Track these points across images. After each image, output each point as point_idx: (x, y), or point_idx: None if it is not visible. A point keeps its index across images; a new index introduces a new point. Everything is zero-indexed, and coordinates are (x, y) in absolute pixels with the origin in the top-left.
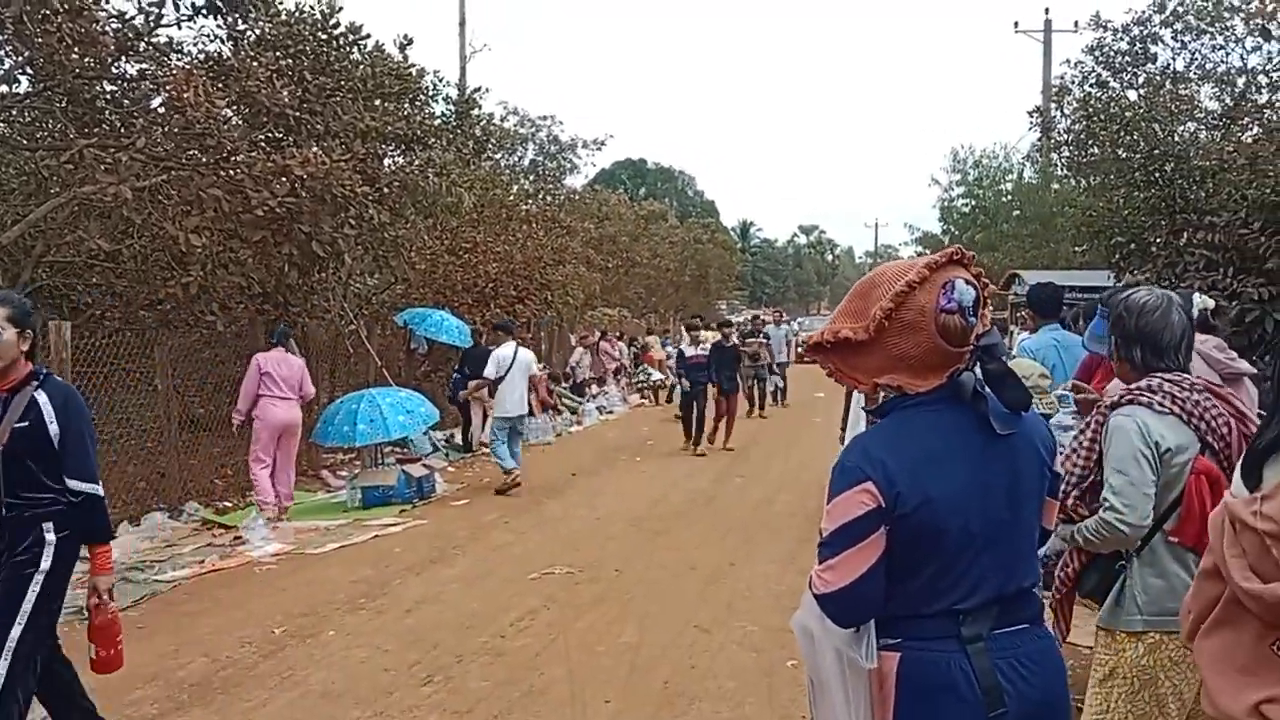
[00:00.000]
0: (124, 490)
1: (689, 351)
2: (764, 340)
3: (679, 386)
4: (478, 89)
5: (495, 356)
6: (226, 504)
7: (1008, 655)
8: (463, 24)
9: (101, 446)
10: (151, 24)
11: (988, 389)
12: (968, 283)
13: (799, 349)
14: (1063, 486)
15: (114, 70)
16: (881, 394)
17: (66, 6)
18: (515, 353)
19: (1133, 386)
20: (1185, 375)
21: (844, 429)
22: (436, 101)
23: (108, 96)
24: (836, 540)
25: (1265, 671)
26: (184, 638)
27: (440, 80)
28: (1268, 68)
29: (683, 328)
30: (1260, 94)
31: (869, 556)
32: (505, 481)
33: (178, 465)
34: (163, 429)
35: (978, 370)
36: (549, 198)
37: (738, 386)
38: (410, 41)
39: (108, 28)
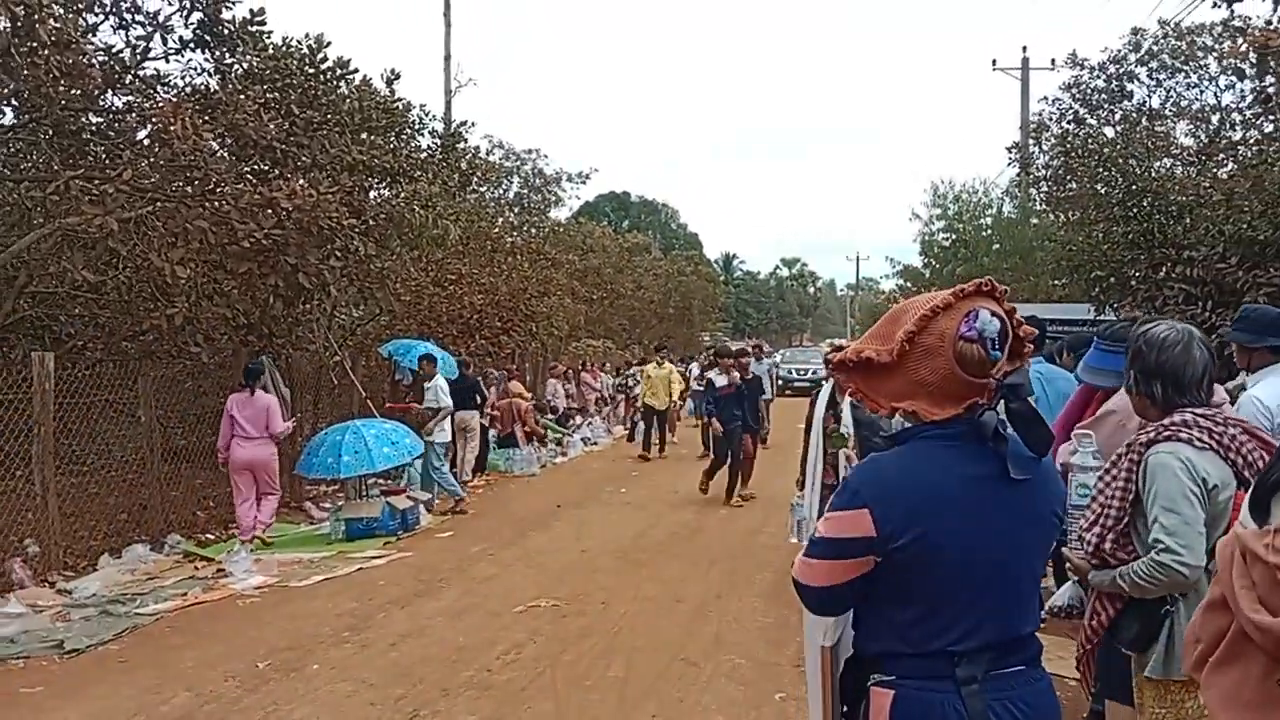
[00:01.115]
0: (105, 522)
1: (720, 382)
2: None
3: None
4: (463, 123)
5: (439, 386)
6: (209, 536)
7: (1002, 697)
8: (448, 59)
9: (83, 478)
10: (139, 57)
11: (1011, 429)
12: (993, 314)
13: (778, 385)
14: (1096, 529)
15: (100, 103)
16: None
17: (53, 39)
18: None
19: (1167, 422)
20: (1216, 410)
21: (802, 474)
22: (422, 135)
23: (94, 128)
24: (822, 546)
25: (1272, 707)
26: (167, 672)
27: (426, 114)
28: (1241, 105)
29: (713, 354)
30: (1234, 131)
31: (846, 573)
32: (455, 505)
33: (160, 497)
34: (145, 460)
35: (1001, 409)
36: (534, 230)
37: (760, 425)
38: (397, 76)
39: (95, 60)
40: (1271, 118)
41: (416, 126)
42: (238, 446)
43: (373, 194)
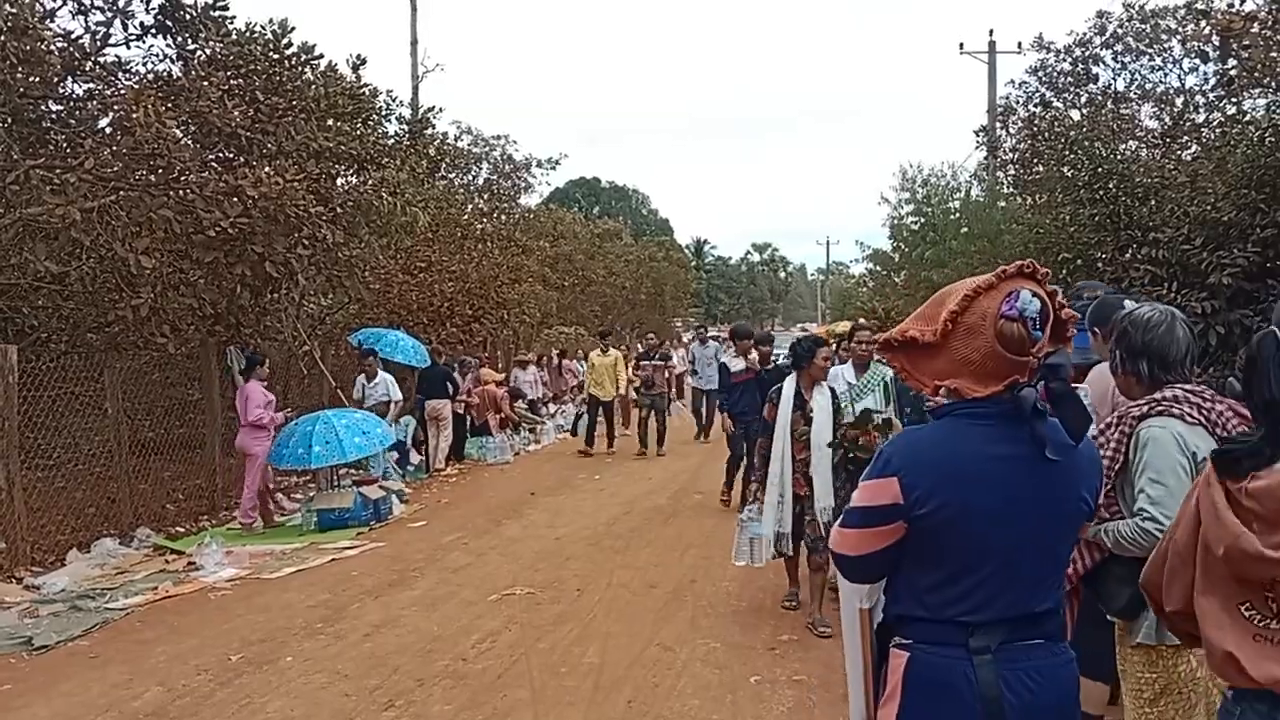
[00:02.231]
0: (73, 516)
1: (735, 366)
2: (660, 363)
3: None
4: (431, 108)
5: (386, 380)
6: (179, 529)
7: (1015, 667)
8: (415, 44)
9: (49, 472)
10: (99, 43)
11: (1050, 409)
12: (1034, 295)
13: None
14: None
15: (60, 90)
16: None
17: (11, 25)
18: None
19: (1159, 397)
20: (1202, 387)
21: (749, 483)
22: (390, 121)
23: (54, 116)
24: (855, 516)
25: (1231, 628)
26: (138, 667)
27: (393, 100)
28: (1204, 88)
29: (729, 335)
30: (1198, 114)
31: (878, 542)
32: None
33: (128, 490)
34: (112, 453)
35: (1041, 388)
36: (504, 217)
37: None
38: (363, 61)
39: (54, 47)
40: (1234, 100)
41: (383, 112)
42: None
43: (340, 181)
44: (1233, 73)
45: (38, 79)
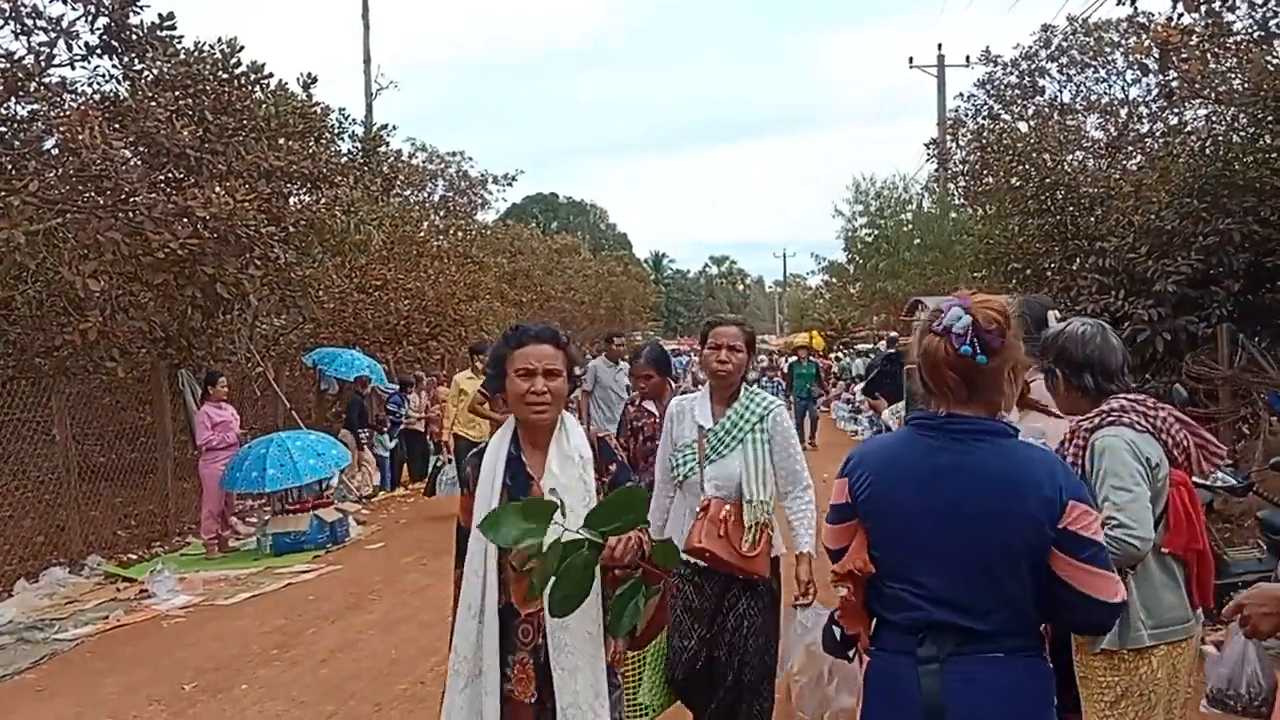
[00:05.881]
0: (20, 545)
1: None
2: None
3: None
4: (384, 126)
5: None
6: (131, 556)
7: (960, 679)
8: (368, 61)
9: None
10: (43, 64)
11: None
12: (965, 310)
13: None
14: None
15: (3, 111)
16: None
17: None
18: None
19: (1106, 409)
20: (1143, 396)
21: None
22: (343, 139)
23: None
24: (830, 513)
25: None
26: (88, 699)
27: (346, 118)
28: (1147, 99)
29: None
30: (1142, 124)
31: (845, 538)
32: None
33: (78, 517)
34: (61, 480)
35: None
36: (460, 233)
37: None
38: (314, 80)
39: None
40: (1175, 111)
41: (336, 130)
42: None
43: (292, 200)
44: (1173, 84)
45: None
